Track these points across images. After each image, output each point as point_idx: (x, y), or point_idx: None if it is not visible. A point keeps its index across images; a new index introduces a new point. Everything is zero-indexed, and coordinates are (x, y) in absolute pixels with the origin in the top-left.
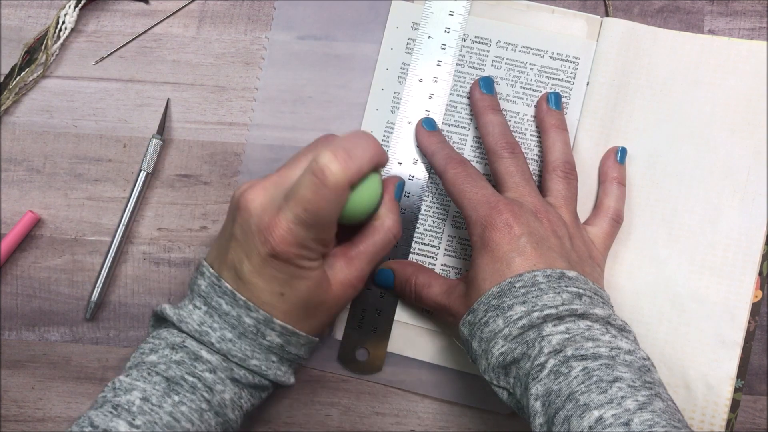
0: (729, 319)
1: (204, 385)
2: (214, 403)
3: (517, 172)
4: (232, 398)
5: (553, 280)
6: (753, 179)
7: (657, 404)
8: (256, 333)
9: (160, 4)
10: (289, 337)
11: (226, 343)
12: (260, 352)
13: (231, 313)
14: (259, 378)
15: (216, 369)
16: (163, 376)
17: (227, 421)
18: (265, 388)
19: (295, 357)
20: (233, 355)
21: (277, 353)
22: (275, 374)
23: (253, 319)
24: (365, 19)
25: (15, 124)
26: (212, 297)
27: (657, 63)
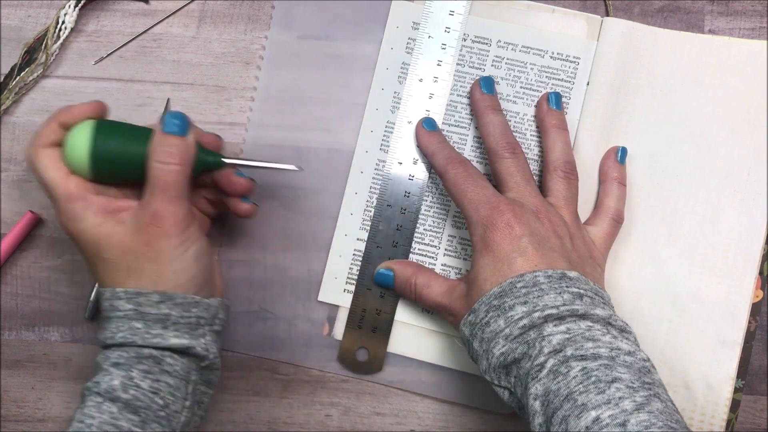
0: (729, 319)
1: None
2: (103, 392)
3: (517, 172)
4: (122, 382)
5: (554, 280)
6: (753, 179)
7: (655, 405)
8: (112, 309)
9: (160, 4)
10: (137, 299)
11: (102, 333)
12: (123, 324)
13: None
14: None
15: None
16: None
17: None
18: (156, 359)
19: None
20: (105, 338)
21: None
22: (143, 338)
23: (107, 300)
24: (365, 19)
25: (15, 124)
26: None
27: (657, 63)
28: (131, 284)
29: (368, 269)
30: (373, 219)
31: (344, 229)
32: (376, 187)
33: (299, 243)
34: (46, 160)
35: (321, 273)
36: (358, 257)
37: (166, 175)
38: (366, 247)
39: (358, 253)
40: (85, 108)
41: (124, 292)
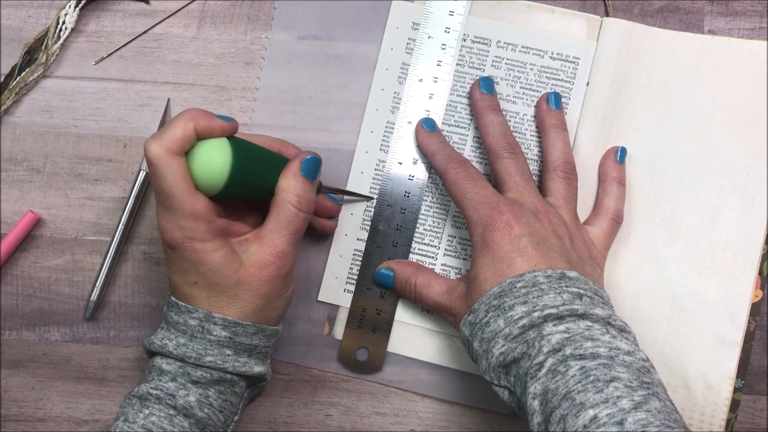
0: (729, 318)
1: (167, 393)
2: (179, 407)
3: (517, 173)
4: (198, 399)
5: (553, 280)
6: (753, 179)
7: (653, 404)
8: (203, 331)
9: (160, 4)
10: (235, 328)
11: (181, 348)
12: (212, 348)
13: (179, 321)
14: (218, 373)
15: (176, 377)
16: (137, 397)
17: (200, 420)
18: (232, 381)
19: (251, 346)
20: (189, 356)
21: (229, 346)
22: (233, 366)
23: (196, 319)
24: (365, 19)
25: (15, 124)
26: (167, 313)
27: (657, 63)
28: (231, 312)
29: (368, 269)
30: (373, 219)
31: (344, 229)
32: (376, 187)
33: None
34: (177, 171)
35: (321, 273)
36: (358, 257)
37: (298, 221)
38: (366, 247)
39: (358, 253)
40: (225, 125)
41: (222, 320)
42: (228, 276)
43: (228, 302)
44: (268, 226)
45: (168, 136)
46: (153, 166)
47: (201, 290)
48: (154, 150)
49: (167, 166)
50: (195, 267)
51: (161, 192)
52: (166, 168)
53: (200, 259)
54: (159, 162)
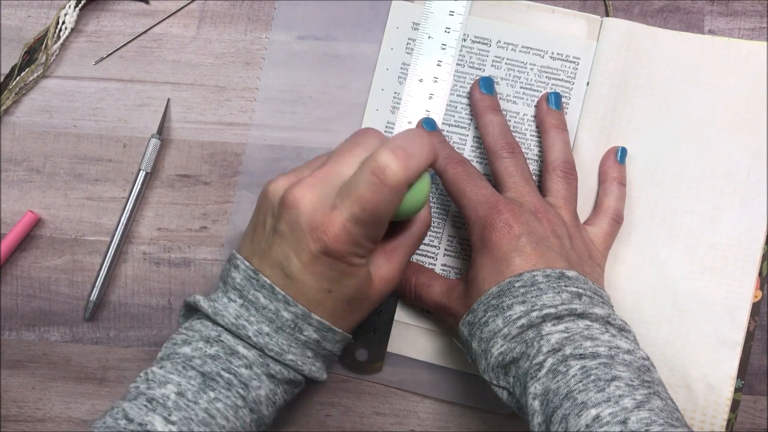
0: (729, 319)
1: (240, 381)
2: (249, 400)
3: (516, 172)
4: (267, 394)
5: (552, 279)
6: (753, 179)
7: (655, 403)
8: (294, 328)
9: (160, 4)
10: (326, 333)
11: (263, 337)
12: (296, 347)
13: (269, 307)
14: (294, 373)
15: (252, 365)
16: (199, 370)
17: (261, 417)
18: (299, 383)
19: (330, 353)
20: (270, 349)
21: (313, 348)
22: (310, 369)
23: (292, 313)
24: (365, 19)
25: (15, 124)
26: (248, 290)
27: (657, 63)
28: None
29: None
30: None
31: None
32: None
33: None
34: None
35: None
36: None
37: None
38: None
39: None
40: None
41: (319, 323)
42: (363, 291)
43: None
44: (397, 241)
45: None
46: (387, 189)
47: (330, 299)
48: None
49: (400, 197)
50: (340, 278)
51: (371, 212)
52: (398, 199)
53: (351, 272)
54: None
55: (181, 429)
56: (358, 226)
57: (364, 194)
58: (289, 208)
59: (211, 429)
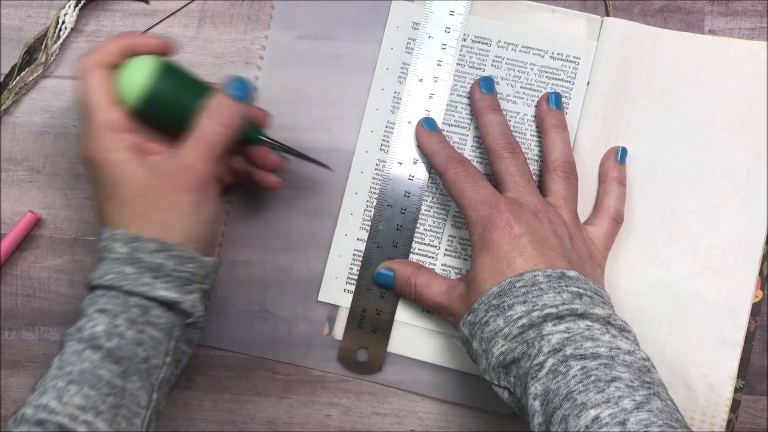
0: (729, 319)
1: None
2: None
3: (517, 172)
4: (105, 329)
5: (553, 279)
6: (753, 179)
7: (655, 404)
8: (107, 250)
9: (160, 4)
10: (135, 243)
11: (92, 273)
12: (115, 266)
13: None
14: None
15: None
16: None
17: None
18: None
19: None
20: (93, 278)
21: (130, 263)
22: (132, 285)
23: (104, 240)
24: (365, 19)
25: (15, 124)
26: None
27: (657, 63)
28: (135, 229)
29: (368, 269)
30: (373, 219)
31: (344, 229)
32: (376, 187)
33: (299, 243)
34: (95, 81)
35: (321, 273)
36: (358, 257)
37: (211, 133)
38: (366, 247)
39: (358, 253)
40: (153, 42)
41: (123, 235)
42: (132, 187)
43: (134, 219)
44: (182, 142)
45: (98, 50)
46: (79, 78)
47: (111, 208)
48: (81, 63)
49: (90, 77)
50: (104, 180)
51: (82, 102)
52: (88, 79)
53: (108, 171)
54: (83, 74)
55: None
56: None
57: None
58: None
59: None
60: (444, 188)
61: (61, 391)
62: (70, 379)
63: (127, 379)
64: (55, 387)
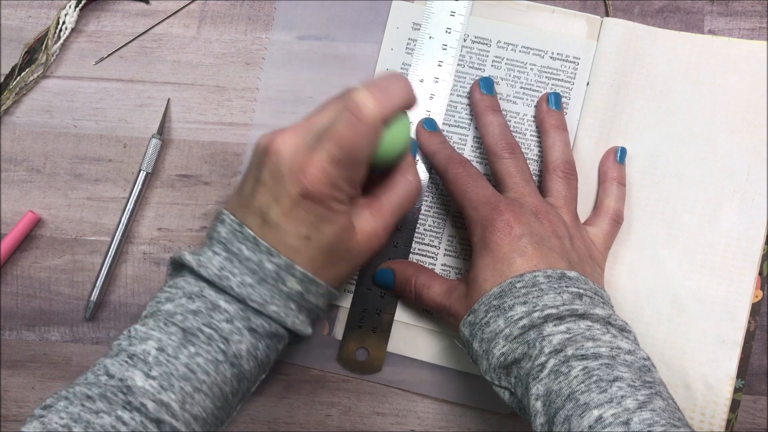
0: (729, 319)
1: (220, 336)
2: (230, 354)
3: (517, 173)
4: (248, 348)
5: (553, 280)
6: (753, 179)
7: (657, 403)
8: (277, 279)
9: (160, 4)
10: (309, 285)
11: (245, 288)
12: (279, 298)
13: (252, 258)
14: (276, 326)
15: (233, 319)
16: (180, 326)
17: (242, 372)
18: (282, 338)
19: (314, 307)
20: (252, 300)
21: (296, 301)
22: (293, 322)
23: (275, 264)
24: (365, 19)
25: (15, 124)
26: (233, 243)
27: (657, 63)
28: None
29: (368, 269)
30: None
31: None
32: None
33: None
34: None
35: None
36: None
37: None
38: None
39: None
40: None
41: (302, 274)
42: (343, 241)
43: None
44: (384, 198)
45: (391, 105)
46: (362, 125)
47: (309, 248)
48: (374, 113)
49: (375, 133)
50: (319, 224)
51: (347, 151)
52: (373, 135)
53: (331, 218)
54: (372, 127)
55: (162, 383)
56: (337, 167)
57: (340, 132)
58: (271, 155)
59: (192, 383)
60: (444, 188)
61: (186, 396)
62: (198, 388)
63: (237, 396)
64: (182, 389)
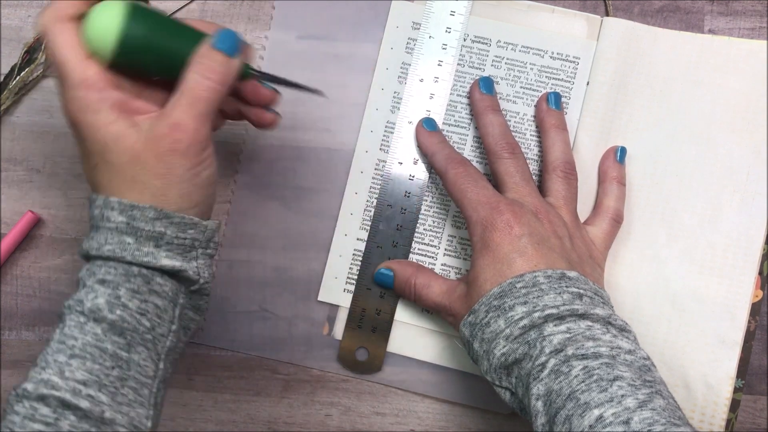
0: (729, 318)
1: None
2: (87, 312)
3: (517, 173)
4: (107, 300)
5: (554, 280)
6: (753, 179)
7: (657, 402)
8: (102, 219)
9: (160, 4)
10: (131, 212)
11: (86, 242)
12: (112, 236)
13: (91, 215)
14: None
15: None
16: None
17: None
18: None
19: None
20: (91, 248)
21: (129, 233)
22: (133, 255)
23: (97, 207)
24: (365, 19)
25: (15, 124)
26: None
27: (657, 63)
28: (130, 196)
29: (368, 269)
30: (373, 219)
31: (344, 229)
32: (377, 187)
33: (299, 243)
34: (63, 36)
35: (321, 273)
36: (358, 257)
37: (202, 90)
38: (366, 247)
39: (358, 253)
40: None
41: (118, 203)
42: (122, 152)
43: (127, 186)
44: (171, 99)
45: (52, 2)
46: (44, 35)
47: (102, 174)
48: (44, 18)
49: (57, 32)
50: (92, 144)
51: (55, 63)
52: (55, 34)
53: (93, 134)
54: (49, 29)
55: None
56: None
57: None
58: None
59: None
60: (444, 188)
61: (62, 365)
62: (72, 354)
63: (132, 350)
64: (56, 362)
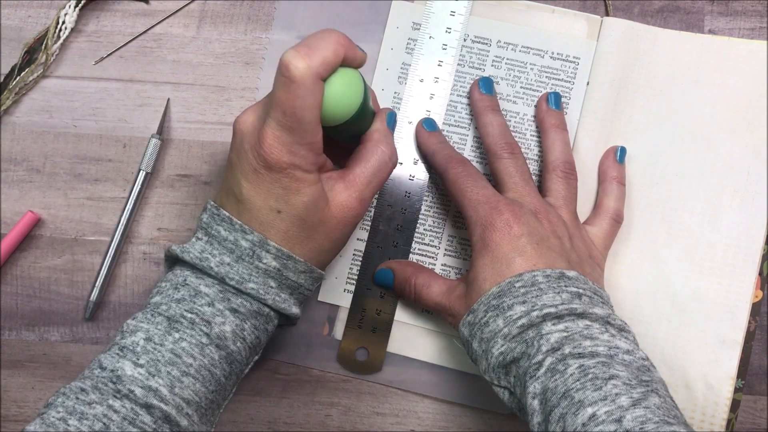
0: (729, 318)
1: (202, 319)
2: (214, 337)
3: (516, 173)
4: (233, 330)
5: (552, 280)
6: (753, 179)
7: (652, 400)
8: (252, 256)
9: (160, 4)
10: (286, 261)
11: (224, 267)
12: (257, 275)
13: (228, 238)
14: (258, 305)
15: (214, 301)
16: (165, 315)
17: (230, 353)
18: (268, 317)
19: (296, 284)
20: (230, 278)
21: (275, 278)
22: (274, 300)
23: (249, 241)
24: (365, 19)
25: (15, 124)
26: (212, 226)
27: (657, 63)
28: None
29: (368, 269)
30: (373, 219)
31: None
32: None
33: None
34: (315, 96)
35: None
36: (358, 257)
37: (387, 172)
38: (366, 247)
39: (358, 253)
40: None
41: (276, 249)
42: (315, 213)
43: (295, 239)
44: (358, 169)
45: (320, 58)
46: (295, 85)
47: (281, 221)
48: (303, 69)
49: (311, 90)
50: (287, 196)
51: (290, 114)
52: (308, 92)
53: (297, 188)
54: (304, 84)
55: (149, 370)
56: (285, 132)
57: (279, 97)
58: (235, 135)
59: (178, 368)
60: (444, 188)
61: (174, 380)
62: (186, 372)
63: (230, 378)
64: (169, 374)
